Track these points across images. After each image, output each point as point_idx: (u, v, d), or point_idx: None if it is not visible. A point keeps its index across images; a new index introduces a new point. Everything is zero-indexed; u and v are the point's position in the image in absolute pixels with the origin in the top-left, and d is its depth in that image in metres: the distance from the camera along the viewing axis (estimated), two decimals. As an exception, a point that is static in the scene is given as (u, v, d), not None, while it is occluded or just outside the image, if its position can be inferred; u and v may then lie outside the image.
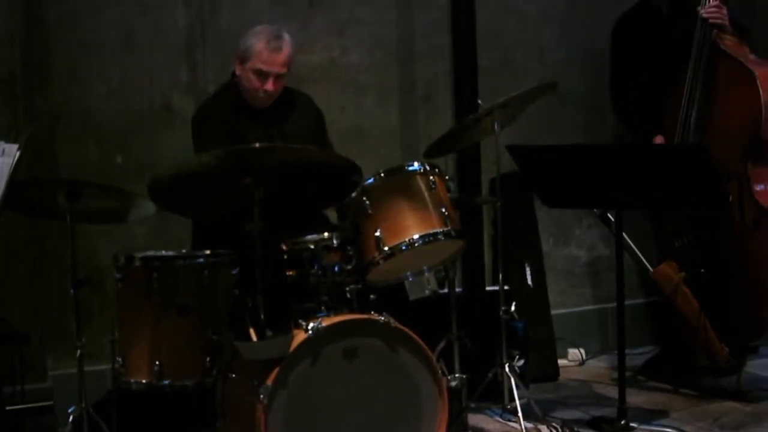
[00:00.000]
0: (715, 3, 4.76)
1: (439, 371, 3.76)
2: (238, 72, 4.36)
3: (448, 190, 4.06)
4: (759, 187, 4.63)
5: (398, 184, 3.93)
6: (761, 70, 4.66)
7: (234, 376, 3.72)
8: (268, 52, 4.26)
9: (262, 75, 4.27)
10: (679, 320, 4.98)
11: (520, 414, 4.19)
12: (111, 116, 4.78)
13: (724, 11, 4.77)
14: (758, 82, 4.58)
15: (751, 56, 4.78)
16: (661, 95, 4.88)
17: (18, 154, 3.51)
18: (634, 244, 5.19)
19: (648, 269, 5.17)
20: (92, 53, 4.73)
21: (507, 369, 4.27)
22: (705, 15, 4.73)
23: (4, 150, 3.57)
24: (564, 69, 5.80)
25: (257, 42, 4.28)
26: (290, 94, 4.51)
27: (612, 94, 5.38)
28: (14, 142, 3.59)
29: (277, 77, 4.29)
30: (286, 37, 4.33)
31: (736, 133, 4.65)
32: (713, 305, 4.81)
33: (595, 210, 5.24)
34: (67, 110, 4.69)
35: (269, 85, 4.27)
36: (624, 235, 4.63)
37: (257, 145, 3.60)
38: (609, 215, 5.07)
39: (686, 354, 5.06)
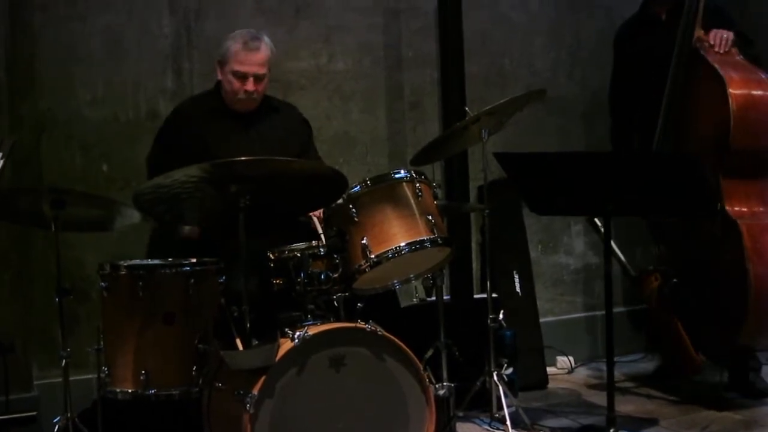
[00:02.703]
0: (715, 34, 4.75)
1: (427, 380, 3.76)
2: (219, 77, 4.42)
3: (436, 198, 4.06)
4: (730, 200, 4.62)
5: (384, 191, 3.93)
6: (736, 76, 4.59)
7: (220, 385, 3.71)
8: (244, 53, 4.32)
9: (240, 76, 4.31)
10: (657, 327, 5.02)
11: (508, 422, 4.22)
12: (96, 124, 4.77)
13: (721, 34, 4.75)
14: (728, 90, 4.53)
15: (738, 57, 4.72)
16: (657, 104, 4.86)
17: (2, 162, 3.51)
18: (624, 251, 5.21)
19: (631, 275, 5.19)
20: (77, 60, 4.73)
21: (495, 377, 4.30)
22: (719, 50, 4.70)
23: (-13, 158, 3.57)
24: (552, 76, 5.83)
25: (234, 44, 4.34)
26: (274, 102, 4.56)
27: (610, 101, 5.38)
28: (-2, 150, 3.59)
29: (257, 78, 4.33)
30: (265, 38, 4.39)
31: (709, 143, 4.62)
32: (688, 313, 4.85)
33: (583, 215, 5.26)
34: (52, 118, 4.68)
35: (249, 86, 4.31)
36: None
37: (243, 158, 3.58)
38: (596, 220, 5.09)
39: (666, 361, 5.13)
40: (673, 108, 4.79)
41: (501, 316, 4.64)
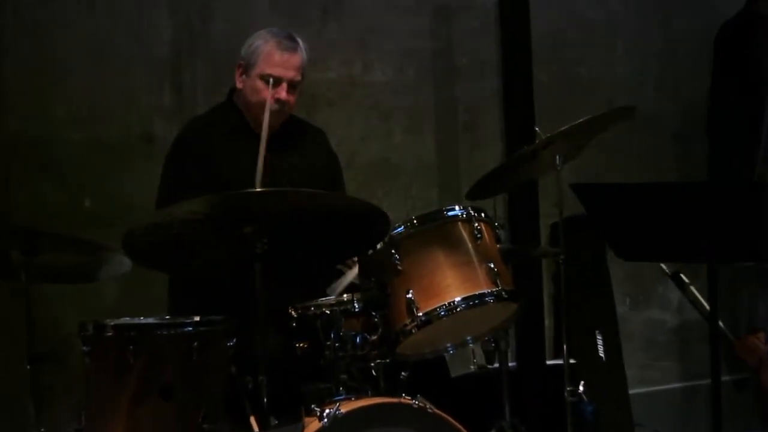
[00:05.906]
0: None
1: (489, 468, 3.73)
2: (239, 85, 4.41)
3: (498, 241, 4.04)
4: None
5: (435, 233, 3.91)
6: None
7: (231, 474, 3.70)
8: (279, 53, 4.33)
9: (272, 82, 4.28)
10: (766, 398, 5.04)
11: None
12: (78, 149, 4.83)
13: None
14: None
15: None
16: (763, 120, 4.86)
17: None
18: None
19: (731, 340, 5.16)
20: (55, 72, 4.79)
21: (574, 464, 4.24)
22: None
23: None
24: (638, 87, 5.84)
25: (265, 43, 4.35)
26: (301, 124, 4.56)
27: (709, 115, 5.36)
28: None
29: (291, 86, 4.33)
30: (299, 40, 4.40)
31: None
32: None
33: (663, 267, 5.21)
34: (23, 142, 4.74)
35: (282, 93, 4.29)
36: (700, 297, 4.61)
37: (259, 189, 3.56)
38: (682, 275, 5.05)
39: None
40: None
41: (581, 387, 4.58)
